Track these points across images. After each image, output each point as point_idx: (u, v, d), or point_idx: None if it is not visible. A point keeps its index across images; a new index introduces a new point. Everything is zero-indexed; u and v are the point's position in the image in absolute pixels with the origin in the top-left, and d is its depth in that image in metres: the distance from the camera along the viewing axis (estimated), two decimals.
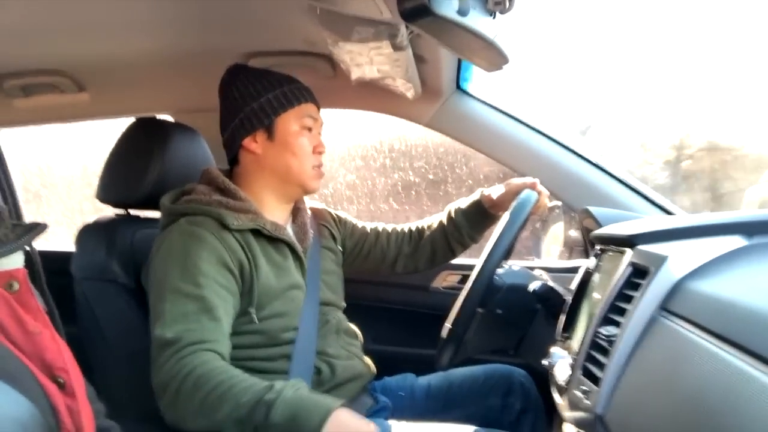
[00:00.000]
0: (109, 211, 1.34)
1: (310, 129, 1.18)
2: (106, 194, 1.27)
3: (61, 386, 0.68)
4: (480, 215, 1.34)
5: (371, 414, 1.20)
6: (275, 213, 1.19)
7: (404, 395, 1.30)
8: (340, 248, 1.34)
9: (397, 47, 0.86)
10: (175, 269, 1.02)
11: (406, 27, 0.77)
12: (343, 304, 1.31)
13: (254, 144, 1.16)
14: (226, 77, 1.19)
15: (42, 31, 1.09)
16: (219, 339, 1.00)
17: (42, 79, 1.35)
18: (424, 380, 1.34)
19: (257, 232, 1.12)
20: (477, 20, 0.59)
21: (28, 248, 0.75)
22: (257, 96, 1.15)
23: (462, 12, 0.56)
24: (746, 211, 0.79)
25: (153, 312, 1.02)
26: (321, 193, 2.04)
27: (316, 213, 1.34)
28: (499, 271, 1.15)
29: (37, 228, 0.74)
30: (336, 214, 1.38)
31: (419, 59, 1.13)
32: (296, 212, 1.26)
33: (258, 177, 1.18)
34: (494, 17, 0.62)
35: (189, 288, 1.01)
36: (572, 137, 1.43)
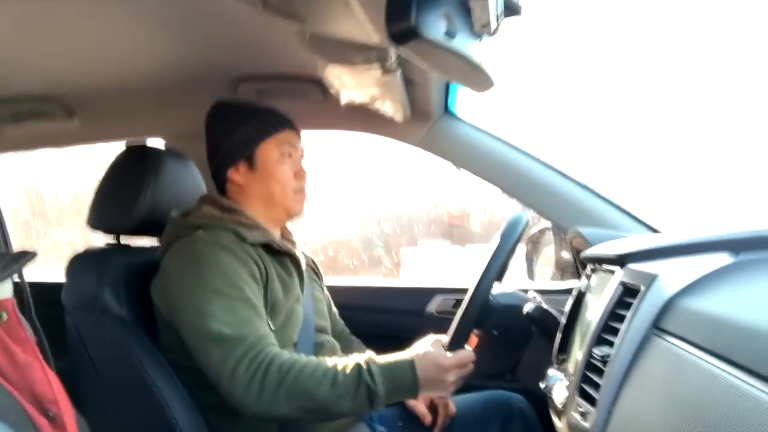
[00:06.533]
0: (100, 242, 1.33)
1: (290, 155, 1.21)
2: (96, 221, 1.27)
3: (52, 420, 0.67)
4: None
5: None
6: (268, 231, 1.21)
7: (402, 425, 1.28)
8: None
9: (386, 70, 0.88)
10: (211, 273, 1.05)
11: (396, 50, 0.79)
12: (335, 333, 1.32)
13: (237, 175, 1.20)
14: (210, 114, 1.23)
15: (31, 58, 1.10)
16: (270, 334, 1.07)
17: (31, 106, 1.35)
18: None
19: (267, 248, 1.15)
20: (464, 43, 0.60)
21: (17, 279, 0.74)
22: (237, 128, 1.19)
23: (449, 35, 0.57)
24: (733, 228, 0.80)
25: (195, 311, 1.04)
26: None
27: (306, 252, 1.37)
28: (493, 292, 1.15)
29: (26, 257, 0.73)
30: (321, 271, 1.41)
31: (408, 82, 1.15)
32: (288, 242, 1.28)
33: (245, 205, 1.20)
34: (481, 40, 0.64)
35: (232, 291, 1.05)
36: (558, 158, 1.44)
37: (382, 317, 1.62)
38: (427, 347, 1.07)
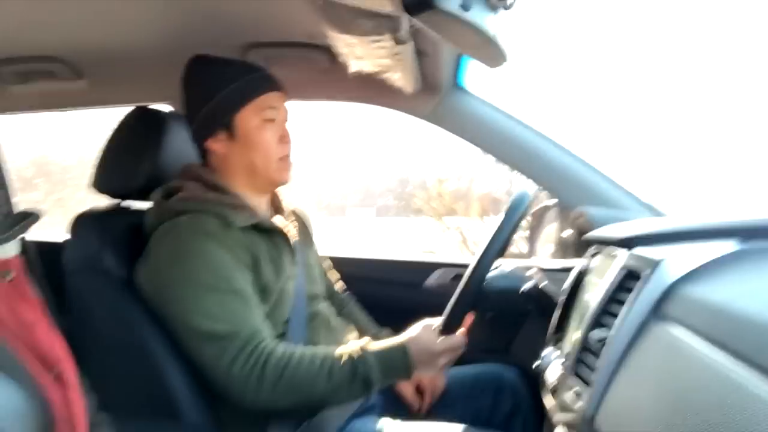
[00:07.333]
0: (103, 203, 1.33)
1: (272, 120, 1.14)
2: (101, 183, 1.26)
3: (56, 378, 0.68)
4: None
5: (361, 412, 1.20)
6: (255, 207, 1.17)
7: (395, 394, 1.30)
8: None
9: (398, 41, 0.86)
10: (198, 265, 1.03)
11: (409, 20, 0.77)
12: (328, 294, 1.32)
13: (217, 145, 1.14)
14: (184, 74, 1.16)
15: (40, 17, 1.08)
16: (265, 326, 1.05)
17: (39, 66, 1.33)
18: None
19: (255, 228, 1.11)
20: (479, 16, 0.59)
21: (22, 238, 0.74)
22: (213, 94, 1.11)
23: (465, 6, 0.56)
24: (740, 215, 0.79)
25: (184, 307, 1.02)
26: None
27: (298, 211, 1.34)
28: (491, 273, 1.15)
29: (30, 217, 0.73)
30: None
31: (420, 53, 1.13)
32: (277, 209, 1.25)
33: (227, 175, 1.15)
34: (496, 13, 0.62)
35: (221, 283, 1.02)
36: (565, 137, 1.43)
37: (382, 289, 1.63)
38: (420, 331, 1.09)
